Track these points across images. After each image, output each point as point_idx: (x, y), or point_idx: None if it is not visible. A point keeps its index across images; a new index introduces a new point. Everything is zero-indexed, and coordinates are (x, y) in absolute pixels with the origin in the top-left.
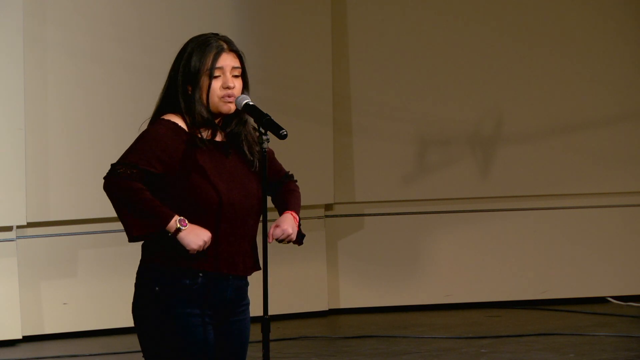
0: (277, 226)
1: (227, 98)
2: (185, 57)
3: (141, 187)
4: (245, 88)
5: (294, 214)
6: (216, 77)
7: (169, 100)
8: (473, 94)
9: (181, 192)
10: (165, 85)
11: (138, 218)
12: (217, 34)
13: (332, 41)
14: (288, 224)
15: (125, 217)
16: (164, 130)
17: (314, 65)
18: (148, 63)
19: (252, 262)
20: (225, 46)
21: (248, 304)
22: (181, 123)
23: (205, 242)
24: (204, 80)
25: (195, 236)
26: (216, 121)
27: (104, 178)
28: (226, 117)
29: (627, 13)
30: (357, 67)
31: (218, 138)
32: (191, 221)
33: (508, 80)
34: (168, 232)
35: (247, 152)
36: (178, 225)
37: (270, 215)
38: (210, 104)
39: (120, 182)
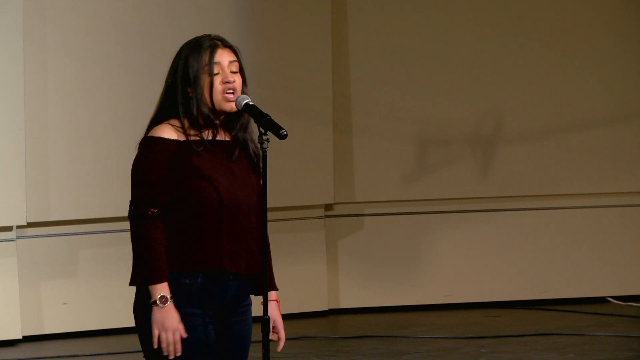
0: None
1: (229, 95)
2: (181, 62)
3: (159, 238)
4: (244, 83)
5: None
6: (216, 73)
7: (166, 107)
8: (473, 94)
9: (181, 193)
10: (162, 94)
11: (141, 267)
12: (209, 35)
13: (332, 41)
14: (281, 324)
15: (136, 261)
16: (159, 149)
17: (314, 65)
18: (148, 63)
19: (257, 261)
20: (219, 43)
21: (250, 304)
22: (171, 132)
23: (168, 340)
24: (205, 78)
25: (161, 322)
26: (218, 118)
27: (130, 218)
28: (228, 118)
29: (627, 13)
30: (357, 67)
31: (221, 137)
32: (193, 221)
33: (508, 80)
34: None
35: (252, 154)
36: (157, 300)
37: (270, 215)
38: (215, 103)
39: (146, 228)
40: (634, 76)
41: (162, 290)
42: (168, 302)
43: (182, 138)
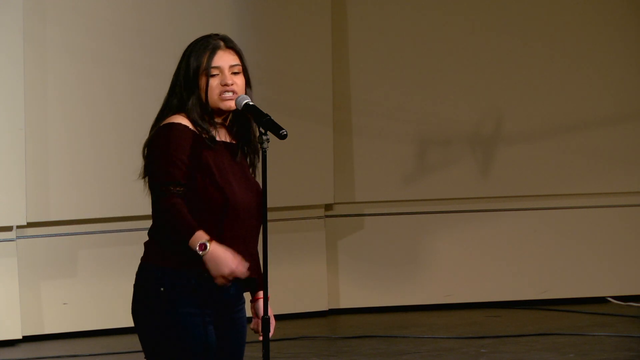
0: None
1: (226, 95)
2: (184, 61)
3: (184, 208)
4: (248, 85)
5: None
6: (214, 75)
7: (171, 105)
8: (473, 94)
9: (188, 191)
10: (168, 92)
11: (177, 233)
12: (217, 34)
13: (332, 41)
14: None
15: (172, 232)
16: (184, 133)
17: (314, 65)
18: (148, 63)
19: (256, 263)
20: (221, 44)
21: (244, 302)
22: (187, 122)
23: (231, 271)
24: (202, 79)
25: (215, 265)
26: (219, 119)
27: (160, 198)
28: (230, 118)
29: (626, 13)
30: (357, 67)
31: (224, 138)
32: (197, 221)
33: (508, 80)
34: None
35: (251, 154)
36: (197, 250)
37: (270, 215)
38: (210, 103)
39: (172, 201)
40: (634, 76)
41: (199, 238)
42: (208, 247)
43: (194, 131)
